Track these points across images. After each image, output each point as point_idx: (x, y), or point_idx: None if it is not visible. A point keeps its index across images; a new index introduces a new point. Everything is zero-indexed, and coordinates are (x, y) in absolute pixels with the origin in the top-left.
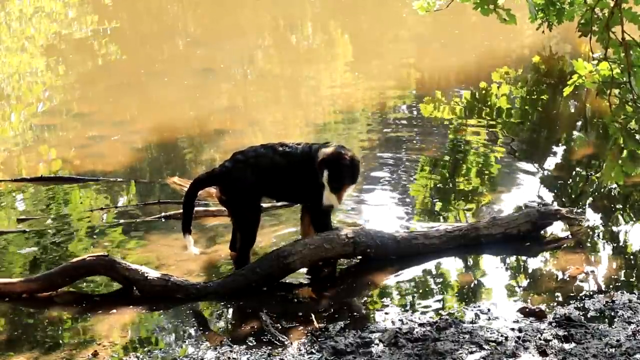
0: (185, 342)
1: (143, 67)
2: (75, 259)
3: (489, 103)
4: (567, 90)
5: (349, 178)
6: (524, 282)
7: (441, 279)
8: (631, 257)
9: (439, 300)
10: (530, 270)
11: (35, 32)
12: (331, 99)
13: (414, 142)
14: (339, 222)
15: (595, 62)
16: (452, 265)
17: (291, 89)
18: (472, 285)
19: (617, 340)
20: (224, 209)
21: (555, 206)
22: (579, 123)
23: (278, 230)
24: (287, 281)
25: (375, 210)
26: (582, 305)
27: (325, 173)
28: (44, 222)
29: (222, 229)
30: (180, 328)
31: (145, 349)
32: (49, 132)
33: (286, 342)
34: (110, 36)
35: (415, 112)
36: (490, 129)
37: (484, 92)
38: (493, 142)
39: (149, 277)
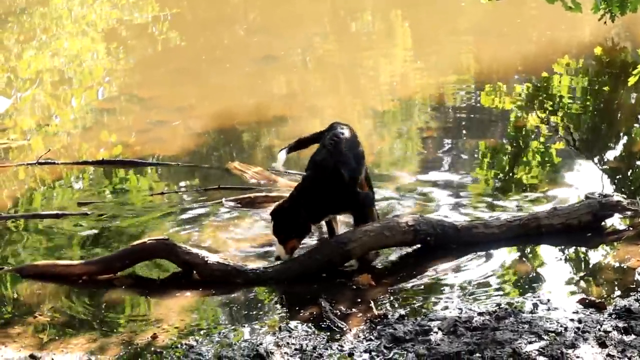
0: (244, 326)
1: (202, 54)
2: (135, 243)
3: (551, 93)
4: (632, 80)
5: (294, 232)
6: (584, 273)
7: (500, 269)
8: None
9: (498, 290)
10: (590, 262)
11: (97, 17)
12: (390, 88)
13: (474, 131)
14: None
15: None
16: (511, 255)
17: (350, 77)
18: (531, 275)
19: None
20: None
21: (617, 197)
22: None
23: None
24: (346, 268)
25: (434, 198)
26: None
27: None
28: (105, 206)
29: None
30: (239, 313)
31: (204, 333)
32: (110, 116)
33: (345, 329)
34: (170, 22)
35: (474, 102)
36: (552, 121)
37: (545, 82)
38: (554, 132)
39: (209, 262)
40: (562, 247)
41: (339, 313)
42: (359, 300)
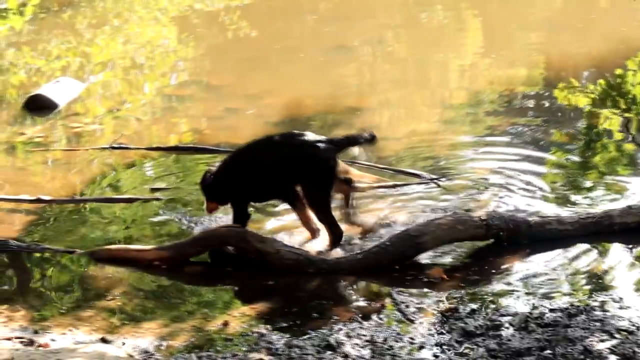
0: (315, 316)
1: (274, 43)
2: (208, 229)
3: (624, 91)
4: None
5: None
6: None
7: (573, 266)
8: None
9: (570, 287)
10: None
11: (168, 3)
12: (459, 81)
13: (546, 126)
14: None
15: None
16: (584, 252)
17: (419, 69)
18: (603, 273)
19: None
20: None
21: None
22: None
23: None
24: (418, 261)
25: (506, 193)
26: None
27: None
28: (177, 191)
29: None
30: (309, 302)
31: (275, 321)
32: (181, 102)
33: (416, 321)
34: (241, 11)
35: (545, 97)
36: (625, 117)
37: (619, 79)
38: (627, 130)
39: (281, 251)
40: (636, 245)
41: (410, 306)
42: (431, 293)
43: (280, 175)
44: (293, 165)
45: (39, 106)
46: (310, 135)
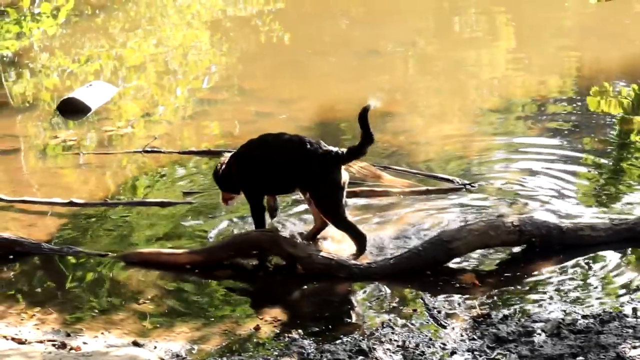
0: (346, 321)
1: (306, 47)
2: (240, 233)
3: None
4: None
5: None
6: None
7: (605, 272)
8: None
9: (602, 293)
10: None
11: (201, 8)
12: (490, 86)
13: (577, 133)
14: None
15: None
16: (617, 259)
17: (451, 74)
18: (637, 279)
19: None
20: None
21: None
22: None
23: None
24: (450, 266)
25: (538, 198)
26: None
27: None
28: (209, 195)
29: (388, 209)
30: (341, 307)
31: (307, 326)
32: (213, 106)
33: (448, 327)
34: (274, 15)
35: (577, 103)
36: None
37: None
38: None
39: (312, 255)
40: None
41: (442, 311)
42: (463, 299)
43: (282, 177)
44: (296, 172)
45: (72, 109)
46: (317, 145)
